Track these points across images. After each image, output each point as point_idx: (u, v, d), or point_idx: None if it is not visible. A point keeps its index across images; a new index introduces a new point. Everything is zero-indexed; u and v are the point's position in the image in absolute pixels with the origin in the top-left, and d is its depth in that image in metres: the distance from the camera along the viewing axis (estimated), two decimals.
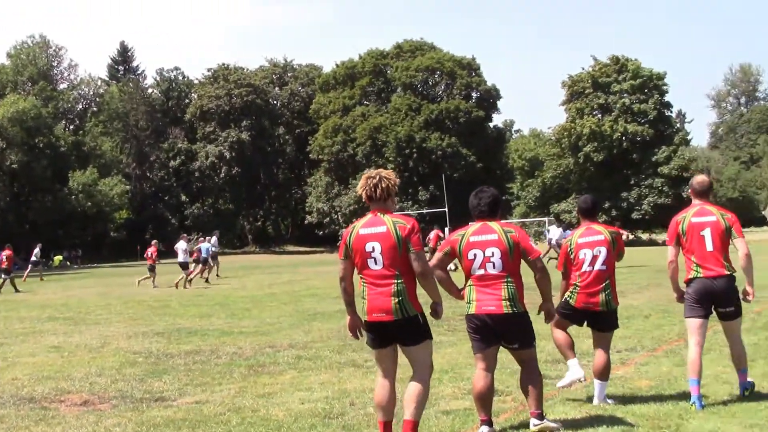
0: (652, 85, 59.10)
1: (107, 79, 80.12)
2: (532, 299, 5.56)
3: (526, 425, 5.56)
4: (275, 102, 78.45)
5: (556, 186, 64.84)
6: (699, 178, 6.64)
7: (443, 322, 11.93)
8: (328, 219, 64.50)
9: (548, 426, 5.45)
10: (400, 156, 60.37)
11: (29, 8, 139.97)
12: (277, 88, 79.30)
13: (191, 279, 24.33)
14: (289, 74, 79.99)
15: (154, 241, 27.92)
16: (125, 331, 12.67)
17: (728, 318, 6.40)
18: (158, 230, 72.01)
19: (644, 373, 7.48)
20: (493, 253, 5.45)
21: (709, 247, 6.26)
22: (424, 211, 58.33)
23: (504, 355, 5.80)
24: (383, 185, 5.40)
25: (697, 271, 6.28)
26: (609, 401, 6.38)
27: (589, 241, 6.45)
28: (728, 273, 6.26)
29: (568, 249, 6.54)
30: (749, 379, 6.49)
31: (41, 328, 13.61)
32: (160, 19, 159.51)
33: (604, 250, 6.39)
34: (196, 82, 79.96)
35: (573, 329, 6.69)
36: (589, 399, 6.49)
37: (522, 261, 5.52)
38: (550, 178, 64.96)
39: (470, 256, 5.54)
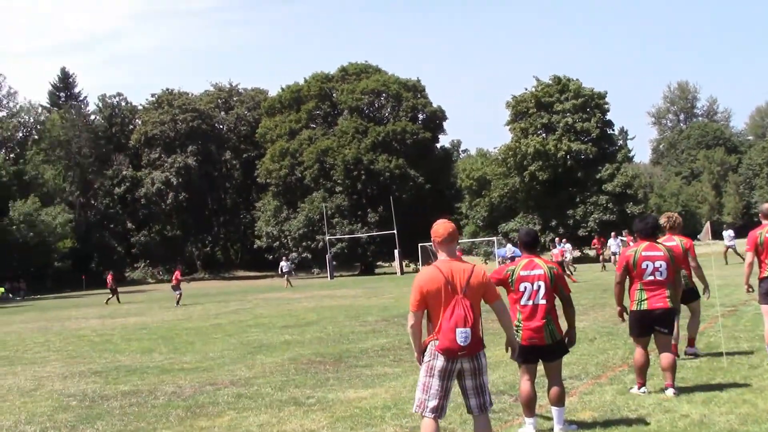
0: (593, 104, 59.98)
1: (48, 106, 78.62)
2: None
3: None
4: (221, 126, 77.86)
5: (504, 205, 65.31)
6: (766, 205, 9.15)
7: (389, 352, 11.83)
8: (277, 243, 63.89)
9: None
10: (348, 178, 60.22)
11: None
12: (222, 113, 78.75)
13: None
14: (234, 98, 79.49)
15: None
16: (62, 370, 12.24)
17: None
18: (104, 259, 70.61)
19: (588, 403, 7.41)
20: (661, 265, 7.46)
21: None
22: (374, 233, 58.23)
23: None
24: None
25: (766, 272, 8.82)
26: (571, 427, 6.48)
27: (531, 274, 6.43)
28: None
29: (510, 280, 6.48)
30: None
31: None
32: (102, 44, 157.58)
33: (543, 285, 6.37)
34: (139, 107, 78.96)
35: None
36: (550, 429, 6.52)
37: None
38: (498, 197, 65.41)
39: (643, 266, 7.48)
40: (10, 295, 53.74)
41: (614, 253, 34.98)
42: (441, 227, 5.39)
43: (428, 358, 5.19)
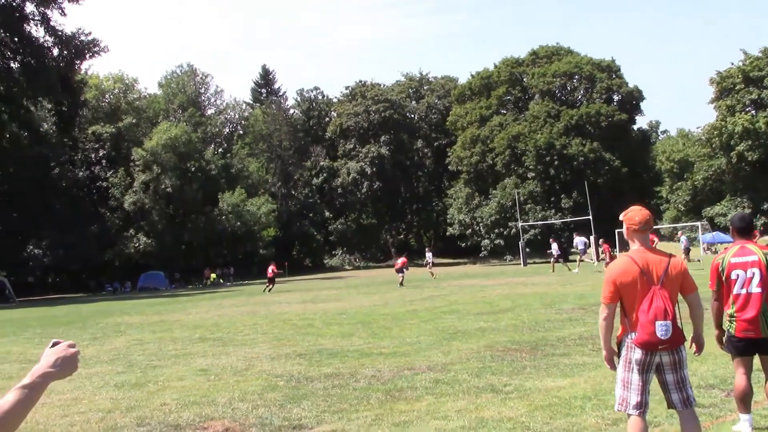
0: None
1: (251, 102, 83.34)
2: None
3: None
4: (412, 116, 79.09)
5: (709, 188, 61.79)
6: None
7: (587, 341, 11.51)
8: (470, 230, 64.15)
9: None
10: (541, 164, 59.28)
11: (177, 40, 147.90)
12: (413, 102, 79.96)
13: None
14: (425, 87, 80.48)
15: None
16: (269, 352, 12.92)
17: None
18: (304, 246, 74.04)
19: None
20: None
21: None
22: (568, 219, 56.97)
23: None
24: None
25: None
26: None
27: (744, 261, 6.00)
28: None
29: (720, 268, 6.10)
30: None
31: (192, 350, 14.10)
32: (300, 41, 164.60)
33: (757, 272, 5.93)
34: (335, 100, 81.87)
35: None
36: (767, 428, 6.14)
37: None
38: (701, 180, 62.02)
39: None
40: (221, 281, 57.70)
41: None
42: (637, 214, 5.15)
43: (625, 352, 4.99)
